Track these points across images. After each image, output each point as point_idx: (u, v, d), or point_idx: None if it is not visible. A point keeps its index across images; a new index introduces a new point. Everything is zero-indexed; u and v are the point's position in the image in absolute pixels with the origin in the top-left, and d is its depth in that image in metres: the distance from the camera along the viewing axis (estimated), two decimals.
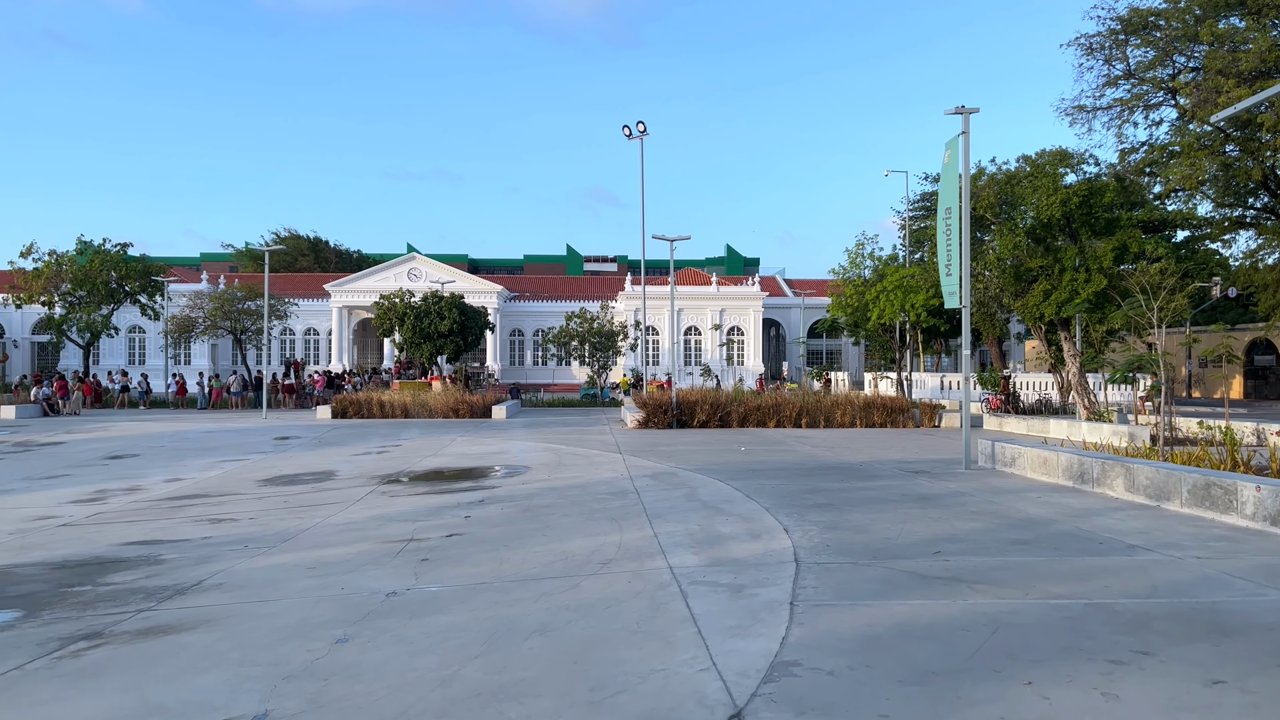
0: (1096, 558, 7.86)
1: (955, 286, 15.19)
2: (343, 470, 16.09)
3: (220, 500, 12.23)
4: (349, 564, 8.12)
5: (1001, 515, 10.26)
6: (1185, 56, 26.28)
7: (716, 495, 12.06)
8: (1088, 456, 12.57)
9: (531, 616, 6.17)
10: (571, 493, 12.66)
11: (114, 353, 58.23)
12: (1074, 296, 24.20)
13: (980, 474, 14.47)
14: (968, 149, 14.77)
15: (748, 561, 7.79)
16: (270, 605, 6.77)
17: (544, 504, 11.67)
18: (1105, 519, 9.96)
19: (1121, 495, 11.63)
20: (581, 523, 10.12)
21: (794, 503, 11.27)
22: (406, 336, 35.64)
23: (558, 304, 62.15)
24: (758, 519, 10.04)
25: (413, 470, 16.01)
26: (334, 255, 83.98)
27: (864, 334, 42.82)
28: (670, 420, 26.69)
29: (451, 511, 11.19)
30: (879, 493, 12.23)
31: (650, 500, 11.74)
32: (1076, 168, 24.93)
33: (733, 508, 10.92)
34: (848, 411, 26.95)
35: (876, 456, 17.59)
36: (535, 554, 8.38)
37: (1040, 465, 13.74)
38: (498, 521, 10.38)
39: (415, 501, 12.17)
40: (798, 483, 13.35)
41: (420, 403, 32.34)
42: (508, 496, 12.49)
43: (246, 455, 18.83)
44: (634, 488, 13.08)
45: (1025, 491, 12.32)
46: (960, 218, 15.00)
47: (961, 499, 11.63)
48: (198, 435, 24.40)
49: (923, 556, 7.89)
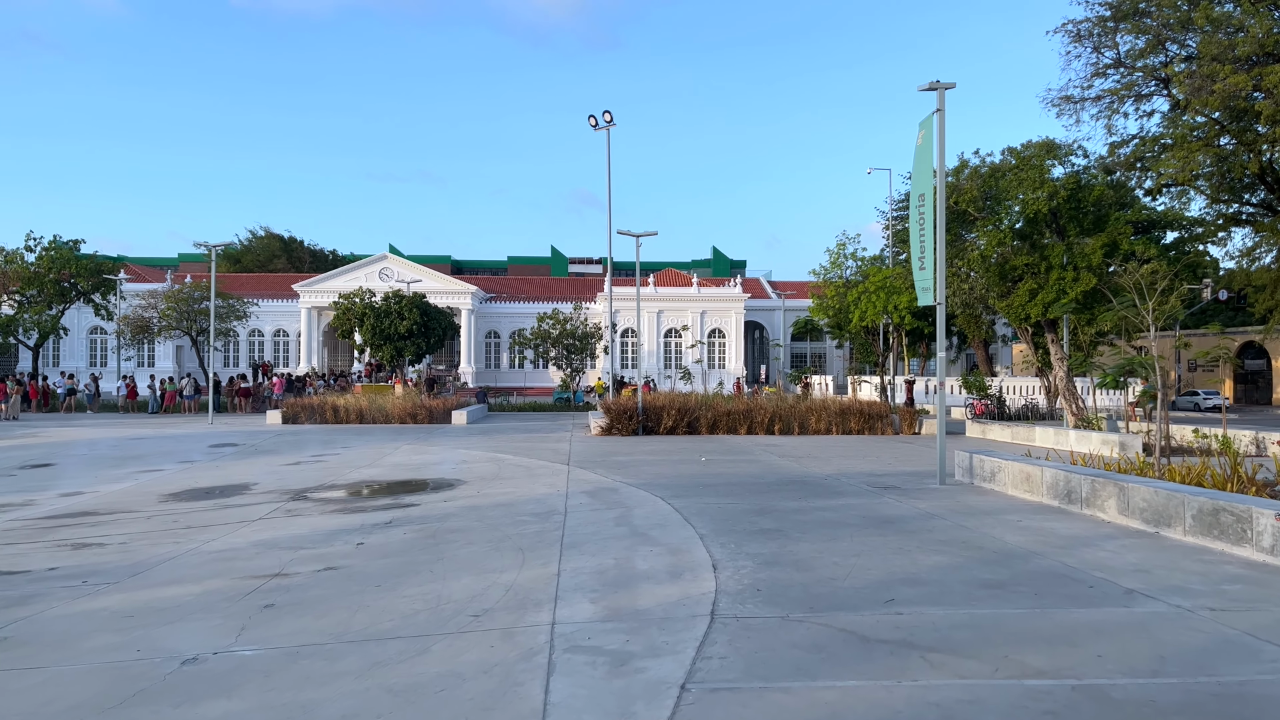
0: (1086, 609, 6.33)
1: (930, 282, 13.68)
2: (262, 483, 14.60)
3: (105, 520, 10.83)
4: (177, 611, 6.64)
5: (974, 545, 8.74)
6: (1178, 45, 24.91)
7: (651, 518, 10.52)
8: (1075, 473, 11.07)
9: (335, 705, 4.62)
10: (493, 514, 11.13)
11: (74, 354, 56.37)
12: (1061, 296, 22.76)
13: (956, 490, 12.97)
14: (943, 128, 13.28)
15: (652, 614, 6.25)
16: (31, 675, 5.30)
17: (455, 528, 10.14)
18: (1096, 550, 8.46)
19: (1114, 519, 10.13)
20: (483, 554, 8.58)
21: (736, 528, 9.74)
22: (366, 338, 33.99)
23: (536, 305, 60.27)
24: (687, 550, 8.50)
25: (336, 483, 14.53)
26: (308, 255, 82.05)
27: (846, 336, 41.43)
28: (636, 427, 25.17)
29: (346, 537, 9.68)
30: (837, 514, 10.71)
31: (575, 524, 10.21)
32: (1064, 159, 23.49)
33: (664, 535, 9.38)
34: (823, 417, 25.47)
35: (845, 468, 16.08)
36: (403, 600, 6.85)
37: (1022, 481, 12.24)
38: (390, 551, 8.86)
39: (315, 523, 10.66)
40: (749, 501, 11.83)
41: (377, 407, 30.77)
42: (421, 518, 10.97)
43: (169, 465, 17.33)
44: (564, 507, 11.55)
45: (1004, 513, 10.82)
46: (935, 206, 13.52)
47: (930, 522, 10.11)
48: (130, 442, 22.81)
49: (871, 607, 6.37)
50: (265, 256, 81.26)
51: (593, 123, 28.32)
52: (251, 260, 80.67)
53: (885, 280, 33.24)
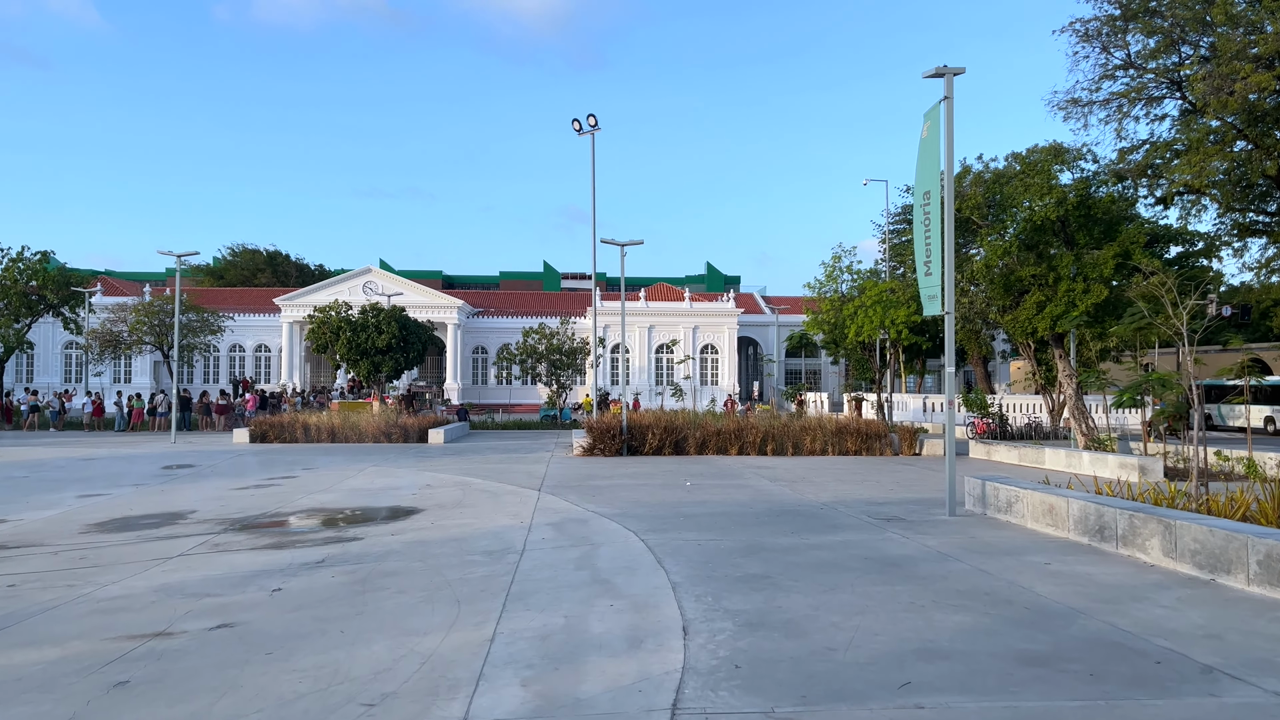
0: (1162, 699, 4.88)
1: (936, 289, 12.28)
2: (201, 511, 13.21)
3: (8, 556, 9.52)
4: (11, 686, 5.26)
5: (1001, 599, 7.30)
6: (1192, 46, 23.70)
7: (619, 558, 9.06)
8: (1108, 505, 9.64)
9: None
10: (440, 551, 9.69)
11: (48, 369, 54.77)
12: (1071, 309, 21.39)
13: (968, 523, 11.53)
14: (951, 117, 11.92)
15: (596, 707, 4.79)
16: None
17: (391, 570, 8.71)
18: (1149, 606, 7.01)
19: (1158, 561, 8.70)
20: (411, 607, 7.14)
21: (716, 572, 8.29)
22: (342, 352, 32.49)
23: (526, 320, 58.65)
24: (654, 606, 7.05)
25: (281, 512, 13.11)
26: (294, 269, 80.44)
27: (842, 352, 40.03)
28: (619, 446, 23.71)
29: (264, 581, 8.26)
30: (835, 554, 9.26)
31: (530, 566, 8.75)
32: (1073, 165, 22.17)
33: (630, 583, 7.93)
34: (818, 437, 24.02)
35: (843, 495, 14.63)
36: (290, 676, 5.40)
37: (1044, 514, 10.80)
38: (306, 601, 7.44)
39: (237, 562, 9.24)
40: (735, 536, 10.37)
41: (351, 425, 29.26)
42: (358, 556, 9.53)
43: (110, 490, 15.91)
44: (523, 543, 10.09)
45: (1027, 553, 9.37)
46: (943, 204, 12.16)
47: (944, 566, 8.66)
48: (79, 464, 21.32)
49: (882, 694, 4.92)
50: (249, 271, 79.69)
51: (576, 127, 27.00)
52: (235, 275, 79.05)
53: (882, 294, 31.86)
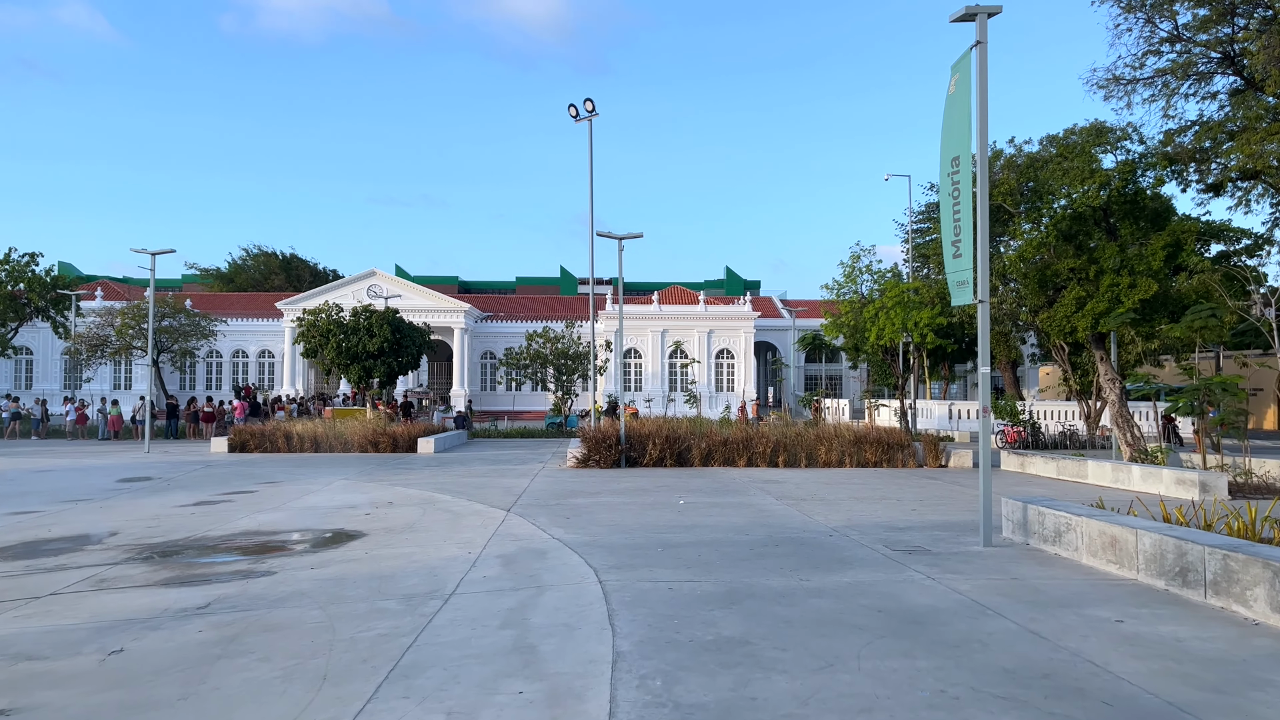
0: None
1: (967, 273, 10.22)
2: (123, 534, 11.59)
3: None
4: None
5: (1067, 683, 5.26)
6: (1244, 17, 21.48)
7: (562, 611, 7.09)
8: (1192, 540, 7.56)
9: None
10: (352, 594, 7.82)
11: (47, 375, 53.61)
12: (1116, 306, 19.19)
13: (1007, 556, 9.46)
14: (984, 67, 9.88)
15: None
16: None
17: (276, 622, 6.87)
18: (1277, 695, 4.97)
19: (1266, 619, 6.62)
20: (261, 686, 5.26)
21: (682, 634, 6.30)
22: (331, 357, 30.79)
23: (537, 325, 56.83)
24: (577, 695, 5.07)
25: (208, 535, 11.38)
26: (308, 274, 79.01)
27: (863, 357, 37.86)
28: (617, 458, 21.74)
29: (115, 636, 6.57)
30: (841, 604, 7.25)
31: (444, 621, 6.82)
32: (1117, 146, 19.98)
33: (561, 652, 5.96)
34: (834, 447, 21.93)
35: (858, 517, 12.59)
36: None
37: (1106, 547, 8.72)
38: (137, 673, 5.65)
39: (108, 605, 7.58)
40: (718, 576, 8.37)
41: (336, 434, 27.50)
42: (253, 599, 7.70)
43: (45, 506, 14.36)
44: (456, 585, 8.17)
45: (1090, 603, 7.31)
46: (977, 172, 10.13)
47: (983, 624, 6.63)
48: (30, 476, 19.75)
49: None
50: (262, 274, 78.37)
51: (573, 113, 25.13)
52: (246, 279, 77.76)
53: (904, 295, 29.69)
